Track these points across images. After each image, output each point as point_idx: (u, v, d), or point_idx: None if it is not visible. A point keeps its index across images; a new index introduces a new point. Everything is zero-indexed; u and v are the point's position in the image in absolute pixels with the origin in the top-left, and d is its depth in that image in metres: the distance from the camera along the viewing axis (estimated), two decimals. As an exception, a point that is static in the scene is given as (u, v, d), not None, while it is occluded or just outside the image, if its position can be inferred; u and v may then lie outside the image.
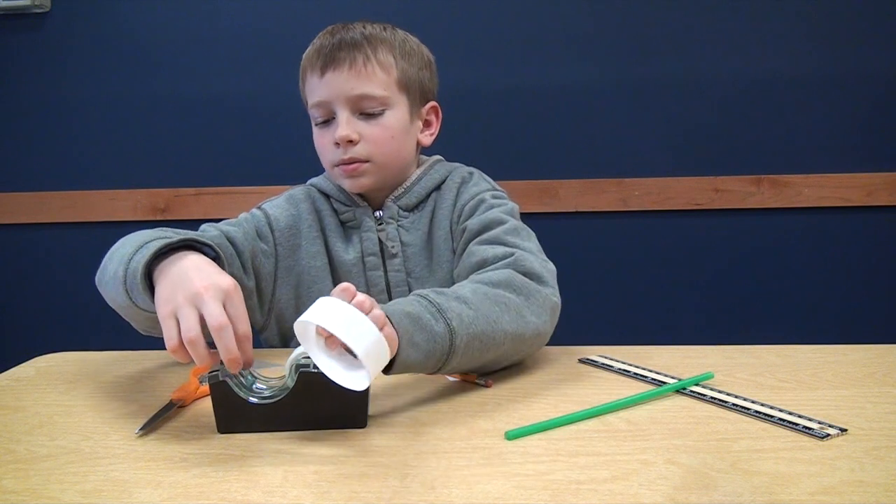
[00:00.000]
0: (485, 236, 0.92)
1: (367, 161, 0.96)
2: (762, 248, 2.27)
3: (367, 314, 0.61)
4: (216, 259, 0.79)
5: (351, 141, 0.94)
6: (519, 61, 2.25)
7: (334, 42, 0.96)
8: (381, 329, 0.61)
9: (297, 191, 1.08)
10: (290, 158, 2.30)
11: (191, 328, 0.63)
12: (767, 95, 2.22)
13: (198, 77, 2.30)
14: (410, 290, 0.92)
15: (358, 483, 0.54)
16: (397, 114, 0.98)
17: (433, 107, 1.05)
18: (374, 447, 0.61)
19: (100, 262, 0.89)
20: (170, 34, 2.29)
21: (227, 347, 0.63)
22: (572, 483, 0.53)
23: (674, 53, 2.23)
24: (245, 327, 0.66)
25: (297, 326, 0.63)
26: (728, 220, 2.26)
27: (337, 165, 0.98)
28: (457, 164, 1.08)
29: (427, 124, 1.05)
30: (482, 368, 0.79)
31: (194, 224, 2.42)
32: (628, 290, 2.33)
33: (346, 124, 0.94)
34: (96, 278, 0.87)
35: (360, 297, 0.64)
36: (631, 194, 2.25)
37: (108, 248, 0.92)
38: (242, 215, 1.05)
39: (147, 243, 0.76)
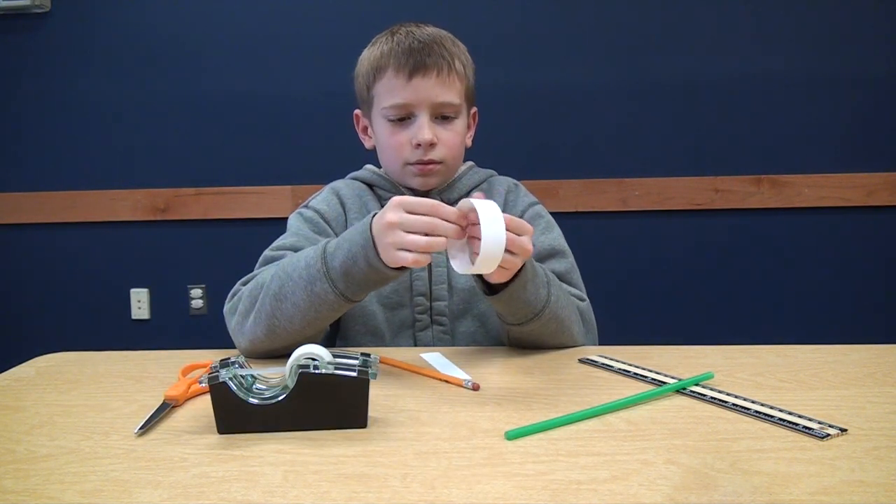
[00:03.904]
0: (554, 268, 1.02)
1: (440, 163, 1.03)
2: (762, 248, 2.27)
3: (519, 235, 0.77)
4: None
5: (432, 144, 1.01)
6: (519, 62, 2.26)
7: (419, 45, 1.01)
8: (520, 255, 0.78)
9: (338, 182, 1.13)
10: (290, 159, 2.31)
11: (416, 241, 0.76)
12: (767, 95, 2.22)
13: (198, 77, 2.30)
14: (450, 272, 1.03)
15: (358, 483, 0.54)
16: (463, 119, 1.06)
17: (474, 111, 1.13)
18: (374, 447, 0.61)
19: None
20: (170, 35, 2.30)
21: (443, 231, 0.76)
22: (572, 483, 0.53)
23: (674, 54, 2.23)
24: (437, 210, 0.78)
25: (463, 205, 0.78)
26: (728, 220, 2.26)
27: (411, 164, 1.03)
28: (492, 171, 1.16)
29: (468, 127, 1.12)
30: (534, 344, 0.93)
31: (194, 224, 2.42)
32: (628, 290, 2.33)
33: (429, 128, 1.00)
34: (249, 315, 0.90)
35: (523, 222, 0.80)
36: (631, 194, 2.25)
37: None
38: (294, 221, 1.06)
39: (311, 254, 0.86)
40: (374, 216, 0.81)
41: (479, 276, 0.86)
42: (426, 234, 0.77)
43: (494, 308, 0.91)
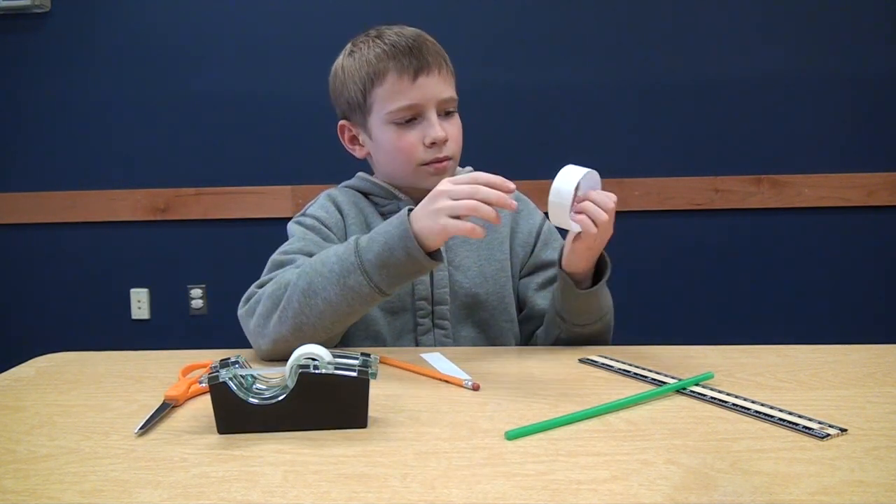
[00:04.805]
0: None
1: (451, 158, 1.04)
2: (762, 248, 2.27)
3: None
4: None
5: (445, 140, 1.02)
6: (519, 62, 2.26)
7: (415, 45, 1.01)
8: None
9: (332, 190, 1.13)
10: (290, 159, 2.31)
11: (469, 204, 0.79)
12: (767, 95, 2.22)
13: (198, 78, 2.30)
14: (451, 277, 1.04)
15: (358, 483, 0.54)
16: (458, 114, 1.07)
17: None
18: (374, 447, 0.61)
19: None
20: (170, 35, 2.30)
21: (493, 196, 0.78)
22: (572, 483, 0.53)
23: (674, 54, 2.23)
24: (482, 178, 0.81)
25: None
26: (728, 220, 2.26)
27: (427, 164, 1.02)
28: None
29: None
30: (581, 342, 0.96)
31: (194, 224, 2.43)
32: (628, 290, 2.32)
33: (440, 125, 1.01)
34: (275, 316, 0.89)
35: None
36: (631, 194, 2.25)
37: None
38: (295, 229, 1.05)
39: (341, 250, 0.87)
40: (409, 210, 0.83)
41: (568, 276, 0.92)
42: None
43: (565, 309, 0.94)
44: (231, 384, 0.64)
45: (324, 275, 0.86)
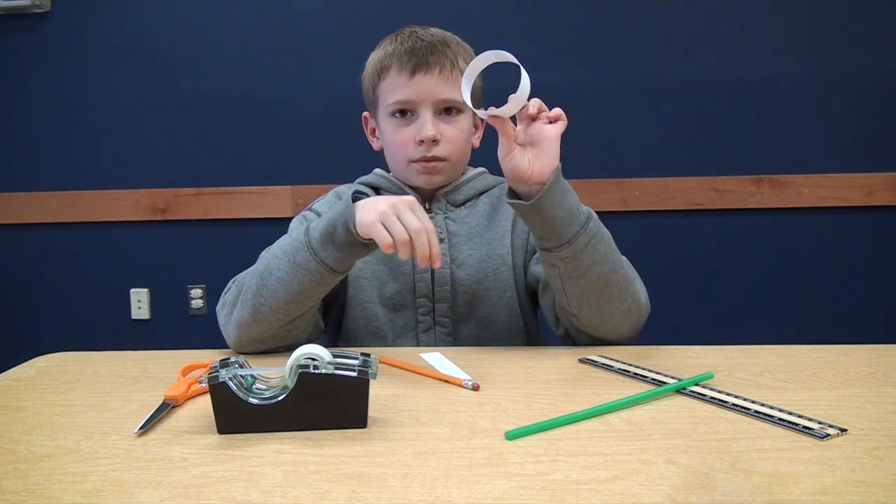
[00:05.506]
0: None
1: (444, 160, 1.04)
2: (762, 248, 2.27)
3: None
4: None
5: (435, 140, 1.01)
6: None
7: (423, 45, 1.02)
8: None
9: (343, 186, 1.15)
10: (290, 159, 2.31)
11: (402, 231, 0.80)
12: (767, 95, 2.22)
13: (198, 77, 2.30)
14: (453, 274, 1.04)
15: (358, 483, 0.54)
16: (467, 118, 1.07)
17: None
18: (374, 447, 0.61)
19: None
20: (170, 35, 2.30)
21: (425, 246, 0.81)
22: (572, 483, 0.53)
23: (674, 55, 2.23)
24: (432, 228, 0.83)
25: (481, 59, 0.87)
26: (728, 220, 2.26)
27: (416, 162, 1.04)
28: (502, 178, 1.14)
29: (475, 128, 1.13)
30: (594, 284, 0.90)
31: (194, 224, 2.43)
32: (628, 290, 2.32)
33: (432, 125, 1.01)
34: (239, 299, 0.92)
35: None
36: (631, 194, 2.25)
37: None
38: (295, 224, 1.07)
39: (296, 233, 0.90)
40: (362, 195, 0.86)
41: (515, 196, 0.90)
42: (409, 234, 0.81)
43: (536, 235, 0.90)
44: (231, 384, 0.64)
45: (278, 256, 0.89)
